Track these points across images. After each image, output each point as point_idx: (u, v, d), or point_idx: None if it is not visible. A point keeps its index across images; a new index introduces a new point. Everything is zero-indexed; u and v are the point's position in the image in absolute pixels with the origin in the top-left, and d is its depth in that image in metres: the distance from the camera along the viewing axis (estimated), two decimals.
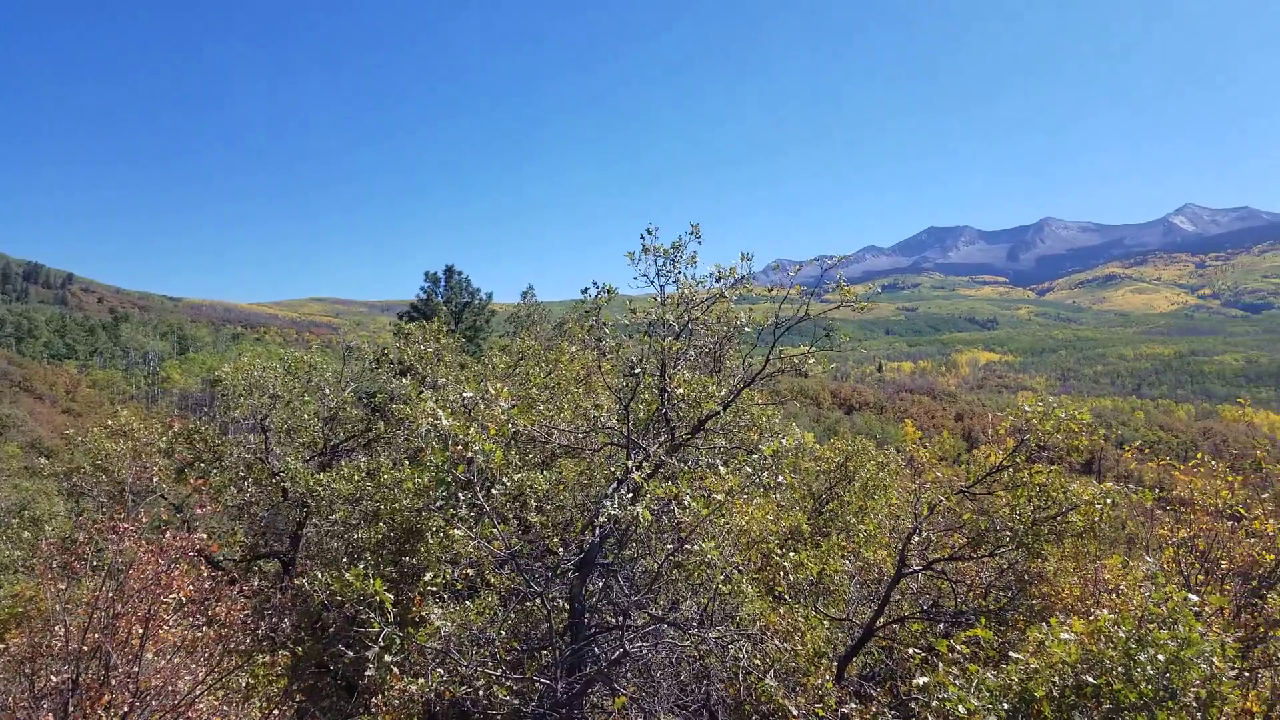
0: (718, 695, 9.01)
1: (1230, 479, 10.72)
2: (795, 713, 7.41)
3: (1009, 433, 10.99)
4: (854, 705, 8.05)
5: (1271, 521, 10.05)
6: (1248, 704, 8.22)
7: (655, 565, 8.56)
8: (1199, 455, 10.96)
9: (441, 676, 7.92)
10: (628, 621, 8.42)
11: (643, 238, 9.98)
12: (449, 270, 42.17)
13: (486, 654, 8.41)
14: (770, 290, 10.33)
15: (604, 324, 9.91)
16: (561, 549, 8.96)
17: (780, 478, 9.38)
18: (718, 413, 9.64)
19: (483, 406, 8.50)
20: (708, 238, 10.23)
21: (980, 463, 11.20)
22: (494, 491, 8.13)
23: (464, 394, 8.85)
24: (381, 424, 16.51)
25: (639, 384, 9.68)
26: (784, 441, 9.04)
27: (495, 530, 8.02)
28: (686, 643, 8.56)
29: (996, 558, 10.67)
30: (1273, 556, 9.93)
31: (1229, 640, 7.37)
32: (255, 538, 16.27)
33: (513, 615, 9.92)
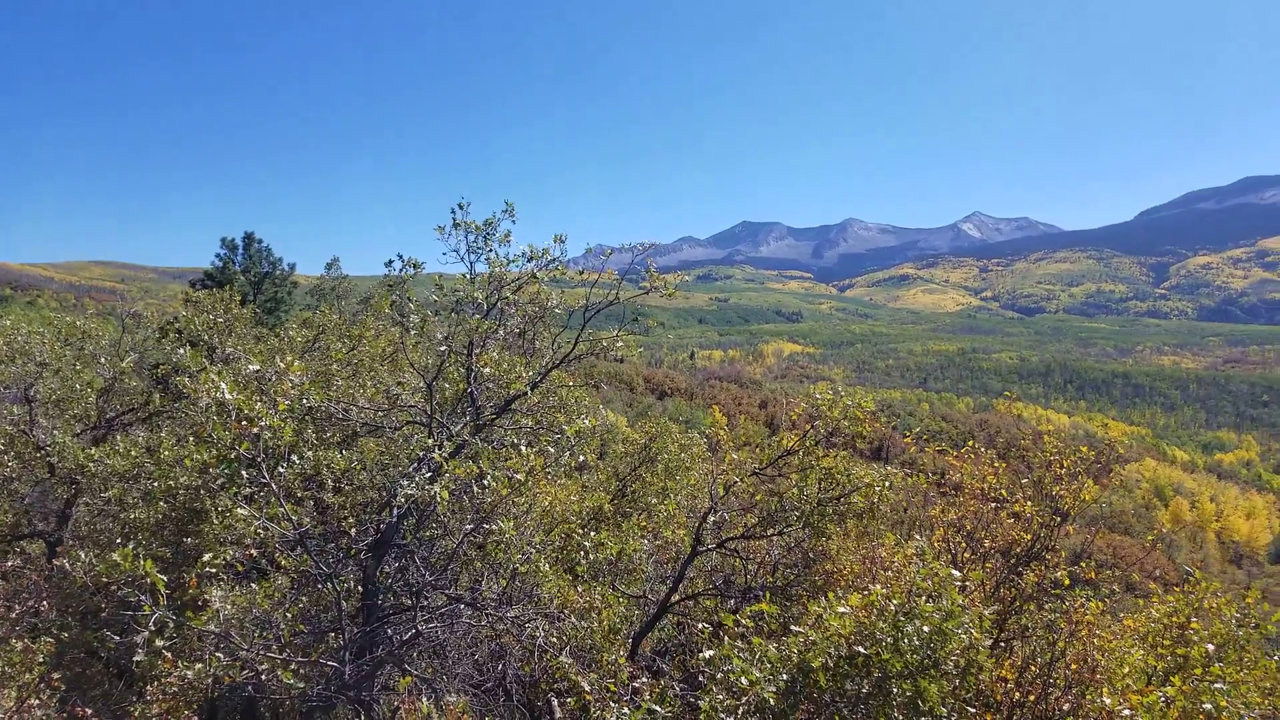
0: (513, 673, 9.02)
1: (996, 465, 11.74)
2: (588, 688, 7.51)
3: (802, 419, 11.60)
4: (646, 679, 8.25)
5: (1030, 504, 11.08)
6: (1002, 671, 9.05)
7: (453, 545, 8.45)
8: (970, 443, 11.95)
9: (221, 661, 7.50)
10: (423, 602, 8.27)
11: (453, 212, 9.72)
12: (249, 237, 39.62)
13: (271, 637, 8.03)
14: (582, 274, 10.35)
15: (409, 300, 9.62)
16: (356, 530, 8.66)
17: (582, 458, 9.46)
18: (525, 393, 9.60)
19: (274, 380, 8.07)
20: (526, 220, 10.12)
21: (774, 447, 11.76)
22: (281, 470, 7.75)
23: (250, 367, 8.35)
24: (156, 397, 15.36)
25: (444, 362, 9.48)
26: (586, 422, 9.12)
27: (283, 510, 7.66)
28: (483, 622, 8.51)
29: (785, 536, 11.25)
30: (1029, 536, 10.93)
31: (987, 613, 8.10)
32: (17, 516, 14.75)
33: (303, 598, 9.52)
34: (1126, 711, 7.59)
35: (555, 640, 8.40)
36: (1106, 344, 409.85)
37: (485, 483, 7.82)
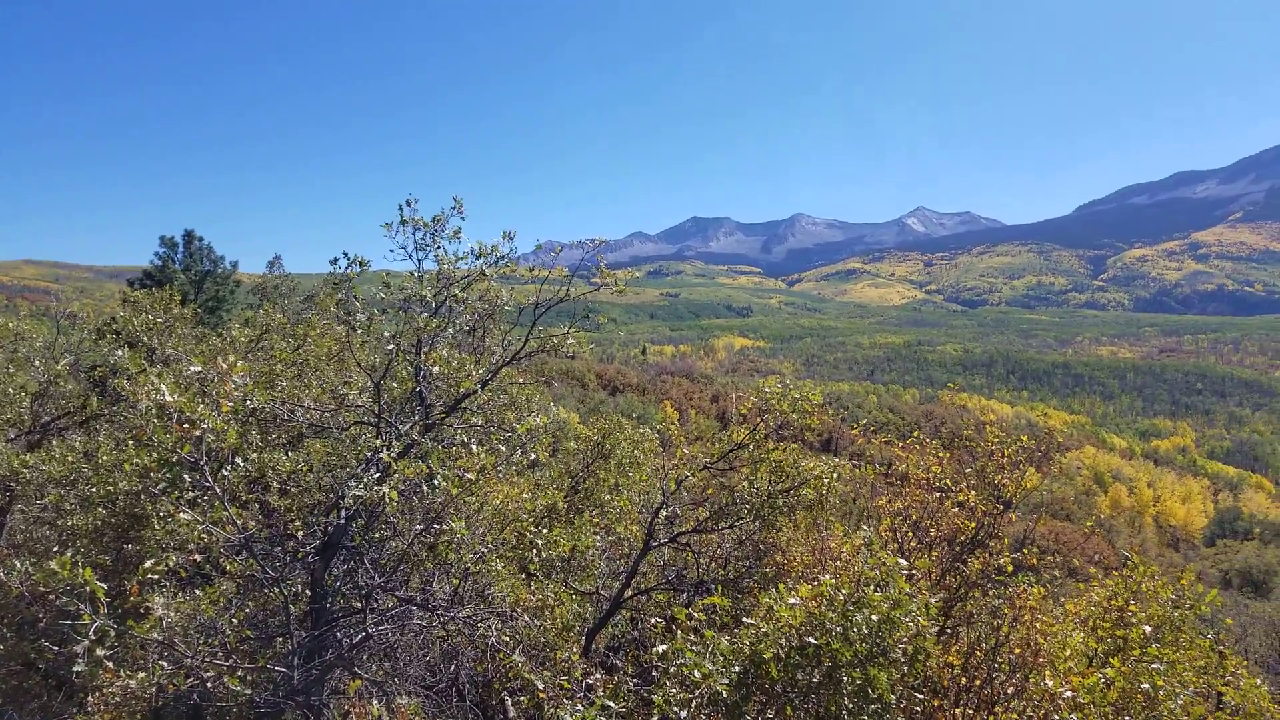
0: (466, 674, 8.96)
1: (940, 455, 11.96)
2: (541, 686, 7.51)
3: (751, 412, 11.69)
4: (599, 676, 8.27)
5: (973, 493, 11.31)
6: (949, 657, 9.23)
7: (403, 547, 8.36)
8: (915, 434, 12.17)
9: (165, 669, 7.33)
10: (373, 604, 8.18)
11: (401, 209, 9.60)
12: (189, 235, 38.67)
13: (216, 644, 7.88)
14: (531, 270, 10.29)
15: (355, 298, 9.49)
16: (303, 533, 8.52)
17: (534, 456, 9.43)
18: (475, 391, 9.53)
19: (216, 381, 7.91)
20: (477, 217, 10.05)
21: (724, 441, 11.84)
22: (225, 473, 7.60)
23: (192, 368, 8.17)
24: (94, 400, 14.95)
25: (392, 361, 9.38)
26: (537, 420, 9.09)
27: (228, 514, 7.52)
28: (435, 623, 8.45)
29: (736, 529, 11.34)
30: (973, 525, 11.16)
31: (933, 601, 8.25)
32: None
33: (250, 603, 9.35)
34: (1068, 694, 7.80)
35: (508, 639, 8.37)
36: (1047, 335, 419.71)
37: (435, 482, 7.75)
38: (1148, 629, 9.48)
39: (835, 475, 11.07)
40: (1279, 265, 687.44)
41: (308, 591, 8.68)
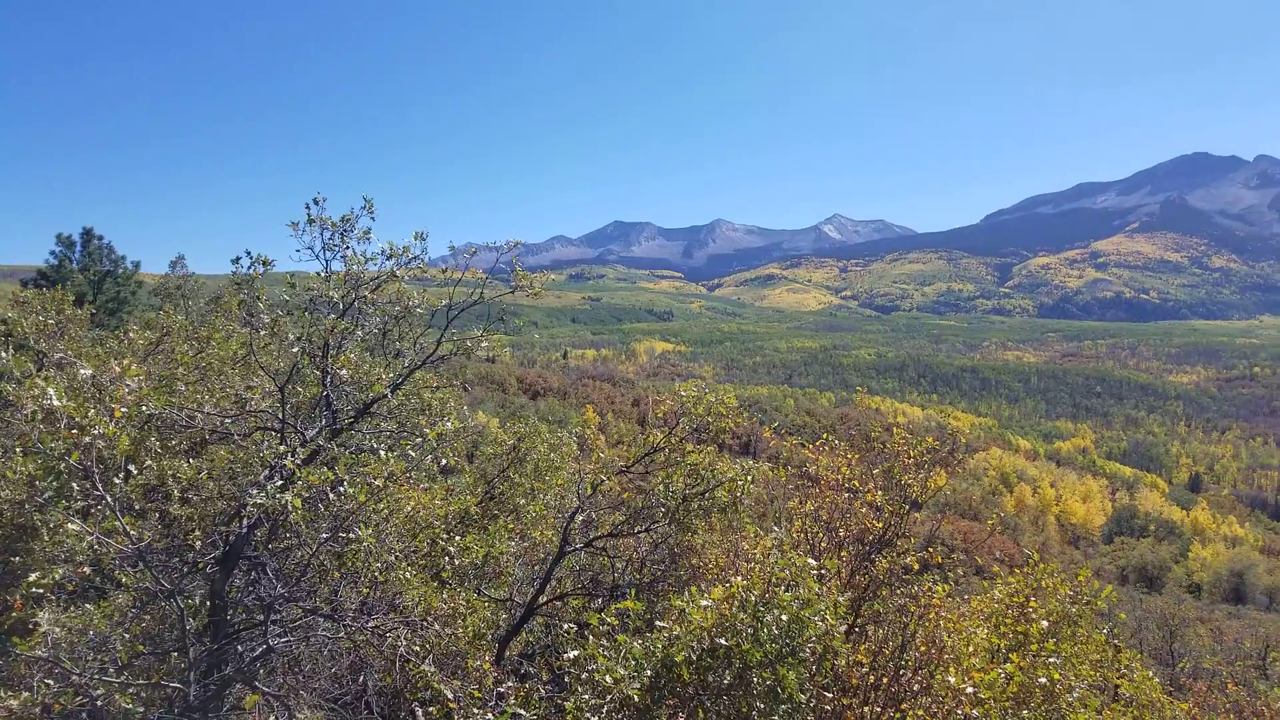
0: (374, 685, 8.76)
1: (849, 457, 12.19)
2: (450, 696, 7.38)
3: (668, 416, 11.74)
4: (512, 683, 8.17)
5: (880, 493, 11.57)
6: (858, 656, 9.40)
7: (309, 556, 8.13)
8: (825, 436, 12.38)
9: (51, 688, 6.97)
10: (275, 616, 7.92)
11: (308, 208, 9.32)
12: (87, 233, 36.98)
13: (107, 660, 7.52)
14: (445, 272, 10.13)
15: (258, 299, 9.19)
16: (202, 543, 8.21)
17: (445, 461, 9.27)
18: (385, 396, 9.33)
19: (109, 386, 7.57)
20: (393, 218, 9.84)
21: (641, 444, 11.86)
22: (118, 481, 7.28)
23: (83, 372, 7.81)
24: None
25: (297, 365, 9.11)
26: (449, 424, 8.95)
27: (120, 524, 7.20)
28: (341, 634, 8.23)
29: (652, 533, 11.36)
30: (881, 524, 11.41)
31: (841, 600, 8.39)
32: None
33: (146, 617, 8.96)
34: (970, 689, 8.02)
35: (418, 648, 8.19)
36: (956, 340, 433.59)
37: (341, 489, 7.56)
38: (1044, 624, 9.82)
39: (749, 478, 11.18)
40: (1173, 274, 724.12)
41: (207, 604, 8.36)
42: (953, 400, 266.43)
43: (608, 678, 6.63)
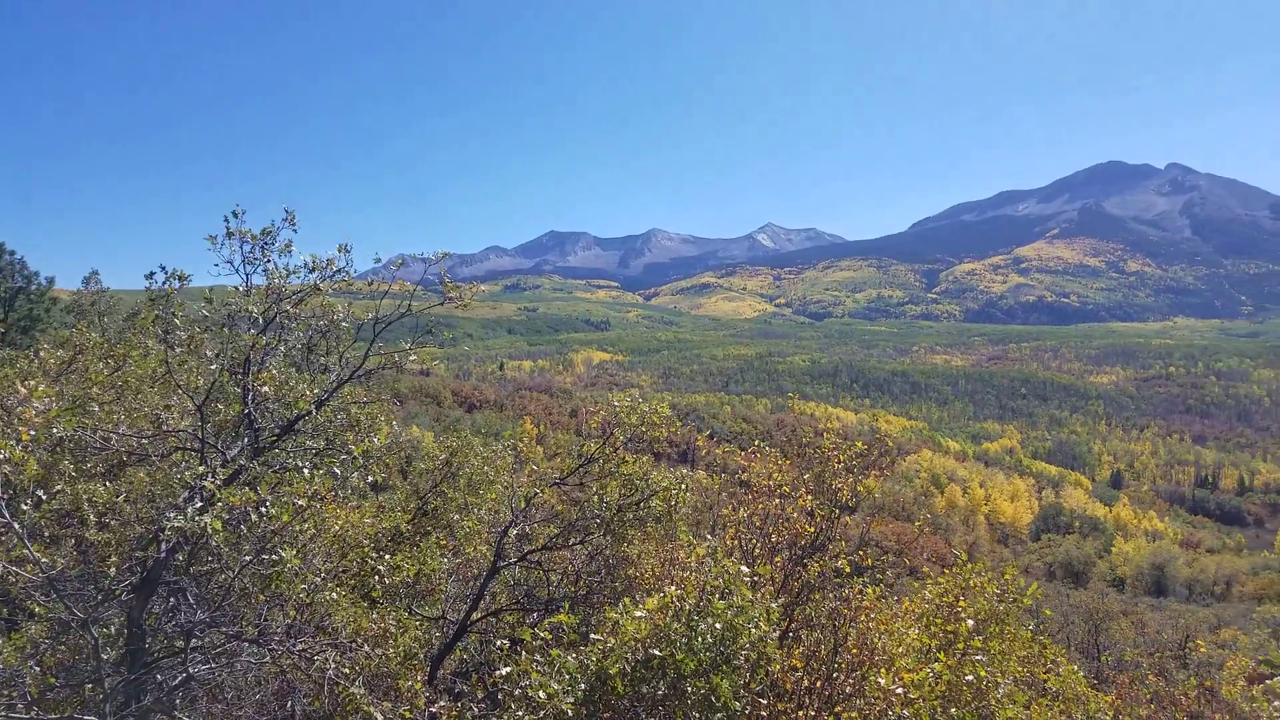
0: (302, 710, 8.52)
1: (780, 463, 12.29)
2: (381, 718, 7.21)
3: (602, 426, 11.71)
4: (445, 703, 8.04)
5: (811, 498, 11.68)
6: (792, 660, 9.46)
7: (230, 579, 7.88)
8: (755, 443, 12.47)
9: None
10: (196, 642, 7.66)
11: (227, 220, 9.08)
12: None
13: (16, 695, 7.19)
14: (371, 284, 9.93)
15: (174, 314, 8.90)
16: (118, 568, 7.91)
17: (371, 478, 9.10)
18: (310, 412, 9.11)
19: (16, 408, 7.26)
20: (323, 230, 9.64)
21: (575, 456, 11.80)
22: (26, 507, 6.97)
23: None
24: None
25: (216, 382, 8.85)
26: (376, 440, 8.78)
27: (30, 552, 6.90)
28: (267, 658, 7.99)
29: (587, 544, 11.30)
30: (812, 529, 11.53)
31: (774, 606, 8.44)
32: None
33: (61, 647, 8.59)
34: (900, 690, 8.14)
35: (347, 671, 8.00)
36: (887, 345, 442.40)
37: (264, 510, 7.35)
38: (970, 623, 10.02)
39: (684, 486, 11.20)
40: (1091, 278, 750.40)
41: (124, 632, 8.05)
42: (885, 404, 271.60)
43: (541, 693, 6.57)
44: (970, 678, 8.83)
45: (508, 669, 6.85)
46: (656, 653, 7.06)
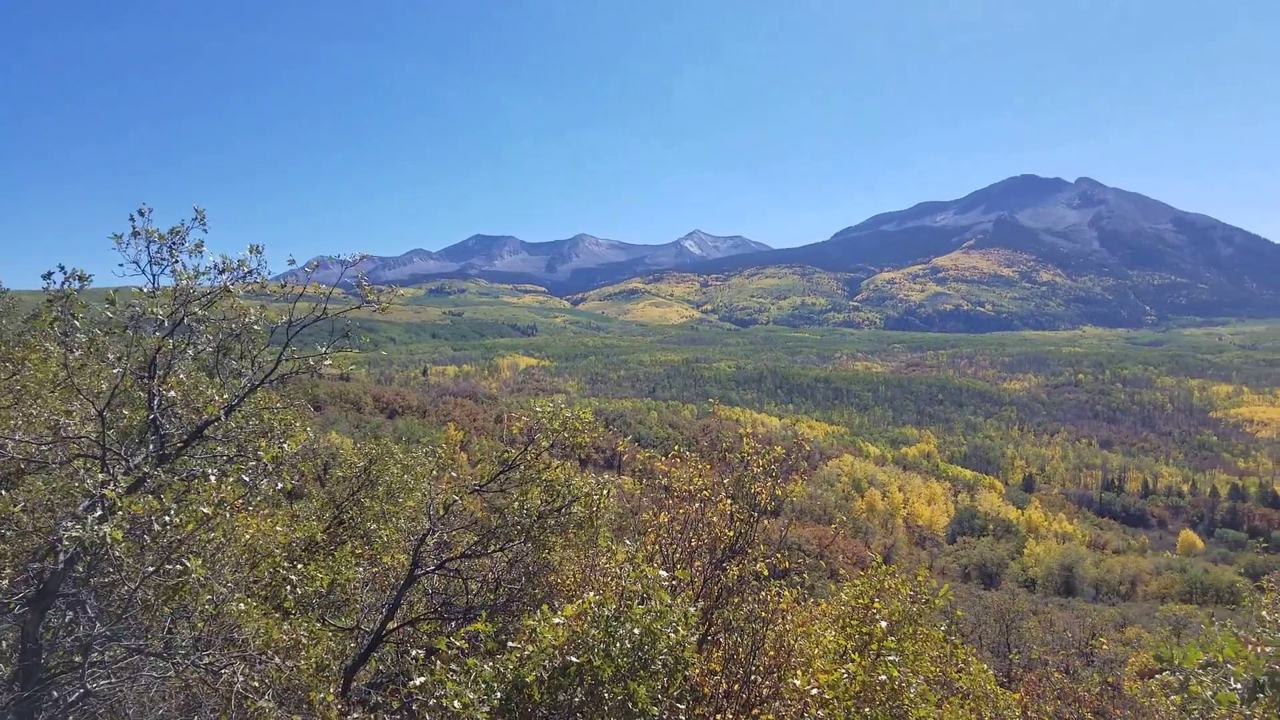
0: None
1: (701, 468, 12.39)
2: None
3: (523, 432, 11.63)
4: (358, 715, 7.89)
5: (730, 502, 11.80)
6: (711, 664, 9.54)
7: (132, 591, 7.59)
8: (676, 448, 12.55)
9: None
10: (94, 657, 7.36)
11: (133, 219, 8.78)
12: None
13: None
14: (284, 286, 9.69)
15: (74, 316, 8.55)
16: (11, 581, 7.55)
17: (280, 484, 8.87)
18: (219, 418, 8.85)
19: None
20: (240, 230, 9.36)
21: (494, 462, 11.70)
22: None
23: None
24: None
25: (118, 387, 8.53)
26: (286, 446, 8.57)
27: None
28: (171, 672, 7.71)
29: (507, 551, 11.20)
30: (732, 533, 11.64)
31: (693, 610, 8.50)
32: None
33: None
34: (815, 691, 8.28)
35: (256, 684, 7.77)
36: (810, 352, 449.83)
37: (169, 519, 7.11)
38: (884, 624, 10.25)
39: (605, 492, 11.19)
40: (1005, 288, 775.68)
41: (19, 648, 7.69)
42: (808, 410, 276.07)
43: (456, 702, 6.49)
44: (884, 678, 9.02)
45: (422, 679, 6.75)
46: (574, 659, 7.05)
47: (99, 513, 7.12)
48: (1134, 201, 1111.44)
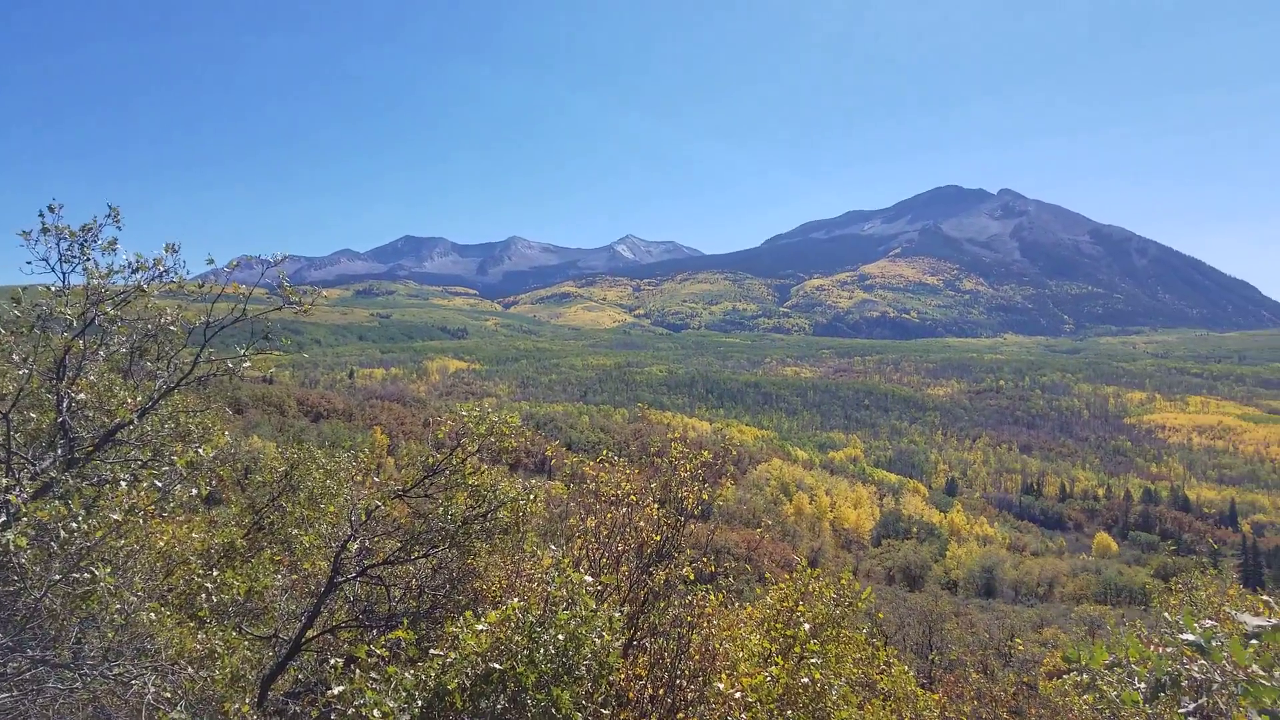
0: None
1: (628, 472, 12.43)
2: None
3: (448, 436, 11.52)
4: None
5: (657, 506, 11.86)
6: (636, 669, 9.57)
7: (37, 600, 7.31)
8: (604, 452, 12.57)
9: None
10: None
11: (43, 215, 8.46)
12: None
13: None
14: (202, 286, 9.42)
15: None
16: None
17: (195, 490, 8.64)
18: (131, 421, 8.57)
19: None
20: (151, 233, 9.06)
21: (419, 467, 11.57)
22: None
23: None
24: None
25: (23, 388, 8.20)
26: (201, 451, 8.35)
27: None
28: (77, 684, 7.44)
29: (431, 558, 11.08)
30: (659, 537, 11.70)
31: (616, 614, 8.52)
32: None
33: None
34: (739, 694, 8.38)
35: (168, 695, 7.54)
36: (741, 357, 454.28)
37: (76, 525, 6.86)
38: (807, 627, 10.43)
39: (531, 497, 11.16)
40: (930, 296, 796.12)
41: None
42: (738, 414, 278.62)
43: (376, 711, 6.40)
44: (807, 680, 9.18)
45: (341, 688, 6.63)
46: (497, 666, 7.01)
47: (2, 519, 6.85)
48: (1053, 213, 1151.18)
